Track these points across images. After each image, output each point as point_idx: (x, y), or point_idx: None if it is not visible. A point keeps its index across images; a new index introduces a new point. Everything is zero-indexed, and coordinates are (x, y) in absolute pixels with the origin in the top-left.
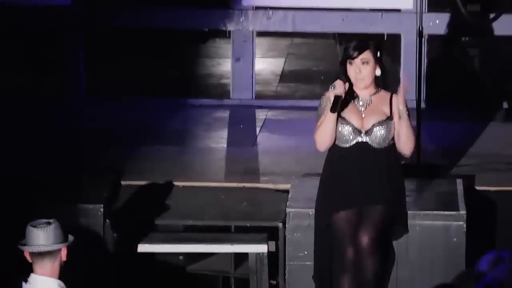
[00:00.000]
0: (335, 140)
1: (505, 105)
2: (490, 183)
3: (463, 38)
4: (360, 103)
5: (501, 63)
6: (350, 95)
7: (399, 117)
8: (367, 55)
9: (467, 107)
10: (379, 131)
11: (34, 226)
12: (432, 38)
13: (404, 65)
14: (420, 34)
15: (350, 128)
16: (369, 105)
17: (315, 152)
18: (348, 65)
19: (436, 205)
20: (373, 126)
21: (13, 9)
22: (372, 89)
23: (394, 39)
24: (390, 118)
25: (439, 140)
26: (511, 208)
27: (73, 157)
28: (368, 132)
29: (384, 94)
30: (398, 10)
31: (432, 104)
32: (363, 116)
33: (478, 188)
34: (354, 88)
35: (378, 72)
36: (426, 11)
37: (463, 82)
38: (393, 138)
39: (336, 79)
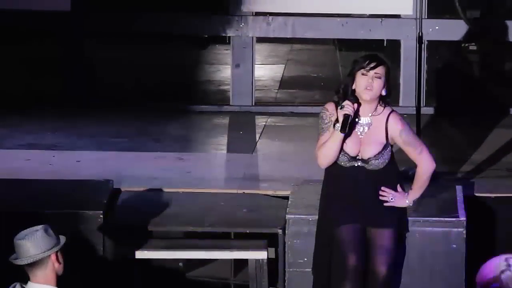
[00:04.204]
0: None
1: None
2: (490, 190)
3: (462, 44)
4: (359, 126)
5: (501, 69)
6: (356, 117)
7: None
8: (381, 70)
9: (467, 113)
10: (375, 161)
11: (17, 239)
12: (431, 44)
13: (403, 71)
14: (419, 40)
15: (346, 158)
16: (368, 128)
17: (315, 158)
18: (359, 76)
19: (436, 211)
20: (369, 159)
21: (14, 15)
22: (373, 107)
23: (394, 45)
24: (386, 146)
25: (439, 146)
26: (511, 214)
27: (72, 161)
28: (364, 161)
29: (383, 115)
30: (398, 16)
31: (431, 110)
32: (361, 143)
33: (478, 194)
34: (359, 99)
35: (384, 92)
36: (426, 17)
37: (463, 88)
38: (391, 156)
39: (338, 92)
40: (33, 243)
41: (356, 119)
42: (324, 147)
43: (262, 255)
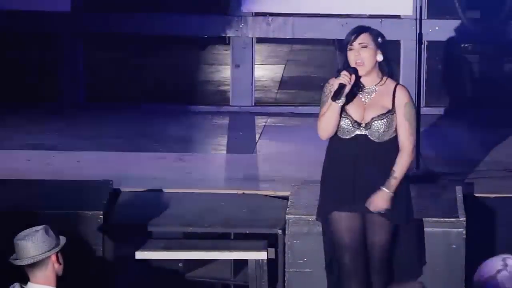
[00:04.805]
0: (336, 130)
1: None
2: (490, 190)
3: (462, 45)
4: (364, 94)
5: (500, 69)
6: (357, 87)
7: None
8: (365, 39)
9: (467, 114)
10: (378, 125)
11: (17, 240)
12: (431, 44)
13: (403, 71)
14: (419, 40)
15: (349, 122)
16: (372, 96)
17: (315, 159)
18: (348, 52)
19: (436, 212)
20: (373, 119)
21: (13, 16)
22: (376, 78)
23: (394, 46)
24: (391, 111)
25: (439, 147)
26: (510, 215)
27: (72, 162)
28: (367, 125)
29: (389, 84)
30: (398, 17)
31: (431, 110)
32: (365, 108)
33: (477, 195)
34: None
35: (379, 57)
36: (426, 17)
37: (463, 88)
38: (395, 132)
39: (340, 71)
40: (34, 244)
41: (359, 88)
42: (323, 117)
43: (262, 255)
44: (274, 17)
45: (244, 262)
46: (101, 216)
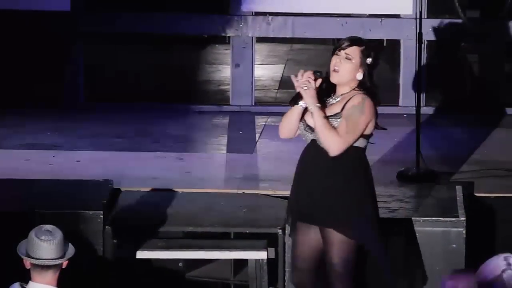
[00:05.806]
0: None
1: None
2: (490, 190)
3: (462, 44)
4: (328, 101)
5: (500, 69)
6: (326, 93)
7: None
8: (353, 52)
9: (467, 113)
10: None
11: (39, 237)
12: (431, 43)
13: (403, 71)
14: (419, 39)
15: (302, 125)
16: (333, 103)
17: None
18: (333, 56)
19: (436, 211)
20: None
21: (13, 15)
22: (347, 89)
23: (394, 45)
24: (336, 116)
25: (439, 147)
26: (510, 214)
27: (72, 161)
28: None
29: (352, 94)
30: (398, 16)
31: (431, 110)
32: None
33: (477, 194)
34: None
35: (359, 76)
36: (426, 16)
37: (462, 88)
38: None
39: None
40: (56, 247)
41: (324, 95)
42: (283, 117)
43: (262, 255)
44: (274, 16)
45: (244, 261)
46: (101, 216)
